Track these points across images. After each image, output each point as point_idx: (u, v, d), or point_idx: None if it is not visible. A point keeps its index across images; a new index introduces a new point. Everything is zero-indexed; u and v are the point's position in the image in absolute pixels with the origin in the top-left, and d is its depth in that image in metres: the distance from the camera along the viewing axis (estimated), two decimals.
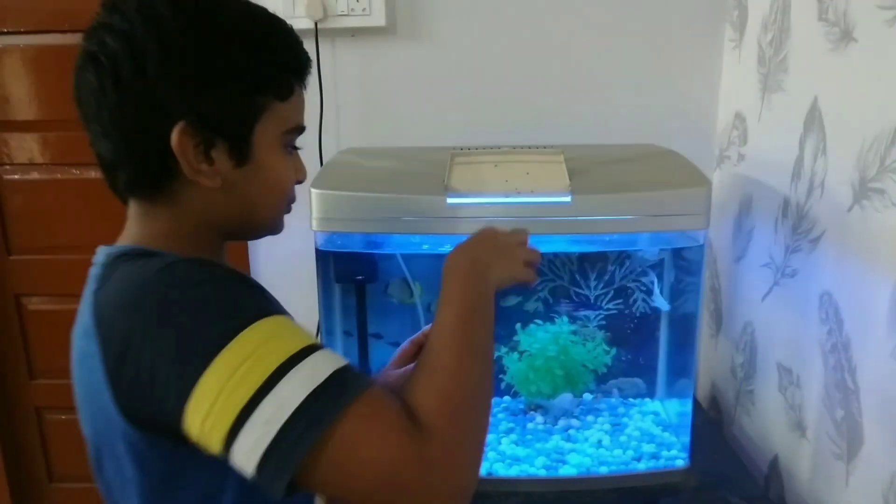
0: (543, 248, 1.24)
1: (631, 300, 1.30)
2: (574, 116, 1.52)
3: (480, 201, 1.03)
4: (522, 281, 0.77)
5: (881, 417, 0.93)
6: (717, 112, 1.52)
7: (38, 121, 1.62)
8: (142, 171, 0.66)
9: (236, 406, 0.52)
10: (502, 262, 0.74)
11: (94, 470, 0.69)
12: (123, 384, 0.57)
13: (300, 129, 0.74)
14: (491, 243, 0.76)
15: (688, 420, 1.17)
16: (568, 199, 1.00)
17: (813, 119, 1.10)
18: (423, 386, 0.60)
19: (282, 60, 0.68)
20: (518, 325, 1.27)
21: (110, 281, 0.62)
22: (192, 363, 0.54)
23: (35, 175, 1.65)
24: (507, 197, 1.02)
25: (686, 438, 1.17)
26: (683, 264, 1.17)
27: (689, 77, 1.51)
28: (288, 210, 0.77)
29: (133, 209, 0.71)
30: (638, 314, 1.30)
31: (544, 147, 1.19)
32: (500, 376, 1.32)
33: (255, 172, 0.69)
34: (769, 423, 1.28)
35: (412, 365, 0.91)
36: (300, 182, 0.77)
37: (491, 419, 0.73)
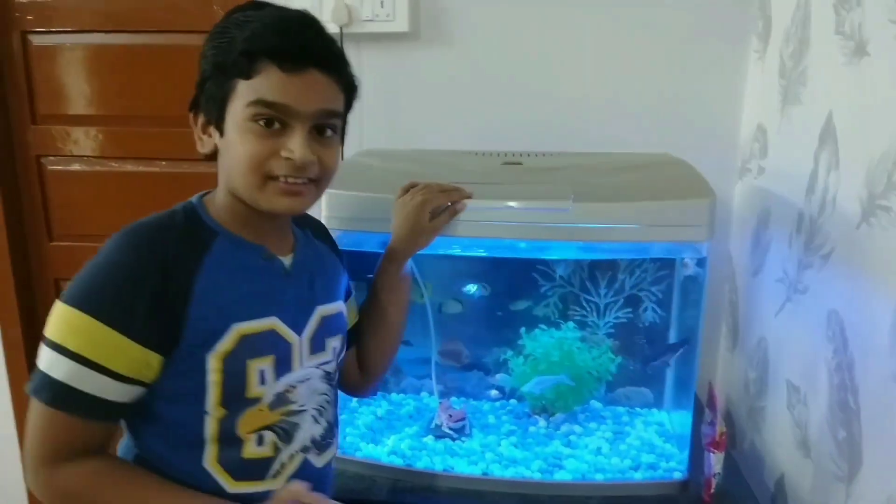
0: (546, 255, 1.26)
1: (640, 309, 1.30)
2: (595, 124, 1.52)
3: (484, 205, 1.04)
4: None
5: (880, 439, 0.91)
6: (740, 123, 1.50)
7: (81, 115, 1.71)
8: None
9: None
10: None
11: None
12: None
13: (262, 103, 0.77)
14: None
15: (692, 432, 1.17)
16: (568, 206, 1.01)
17: (828, 133, 1.08)
18: None
19: (246, 46, 0.77)
20: (522, 329, 1.28)
21: None
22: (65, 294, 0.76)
23: (76, 167, 1.74)
24: (508, 202, 1.04)
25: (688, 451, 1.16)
26: (688, 275, 1.17)
27: (715, 87, 1.49)
28: (287, 187, 0.80)
29: None
30: (647, 323, 1.30)
31: (552, 154, 1.20)
32: (507, 378, 1.34)
33: (227, 145, 0.81)
34: (777, 441, 1.26)
35: None
36: (291, 160, 0.79)
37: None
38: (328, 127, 0.82)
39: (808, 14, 1.17)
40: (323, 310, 0.92)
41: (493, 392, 1.39)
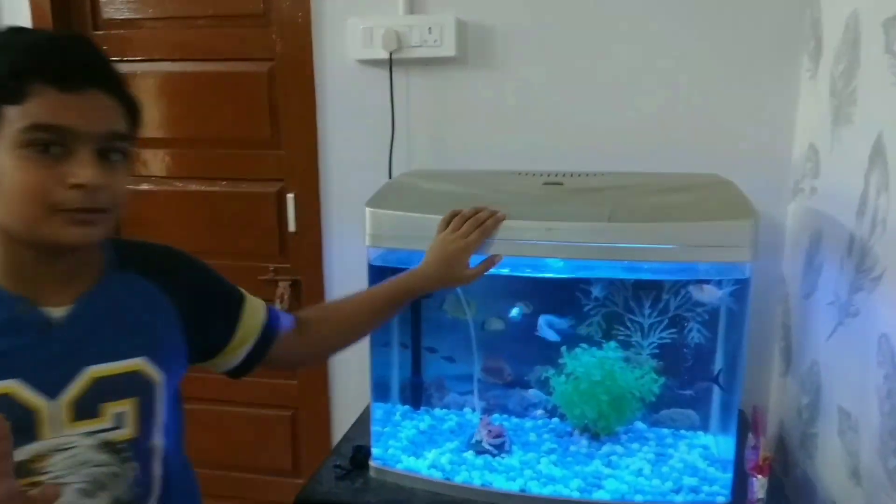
0: (584, 274, 1.27)
1: (686, 330, 1.29)
2: (644, 145, 1.52)
3: (521, 225, 1.07)
4: None
5: None
6: (793, 142, 1.48)
7: (150, 139, 1.82)
8: None
9: None
10: None
11: None
12: None
13: (38, 127, 0.70)
14: None
15: (736, 456, 1.15)
16: (605, 225, 1.02)
17: (877, 154, 1.06)
18: None
19: (14, 67, 0.70)
20: (563, 348, 1.29)
21: None
22: None
23: (145, 186, 1.85)
24: (546, 222, 1.06)
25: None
26: (731, 296, 1.15)
27: (767, 107, 1.47)
28: (78, 218, 0.73)
29: None
30: (692, 344, 1.29)
31: (594, 174, 1.21)
32: (548, 397, 1.35)
33: None
34: (829, 469, 1.22)
35: None
36: (79, 187, 0.72)
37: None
38: (114, 150, 0.75)
39: (857, 34, 1.15)
40: (97, 370, 0.79)
41: (539, 412, 1.39)
